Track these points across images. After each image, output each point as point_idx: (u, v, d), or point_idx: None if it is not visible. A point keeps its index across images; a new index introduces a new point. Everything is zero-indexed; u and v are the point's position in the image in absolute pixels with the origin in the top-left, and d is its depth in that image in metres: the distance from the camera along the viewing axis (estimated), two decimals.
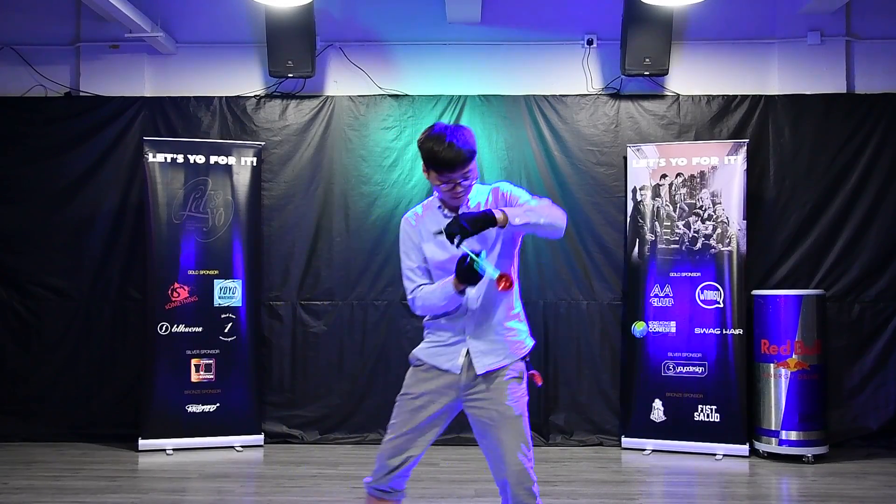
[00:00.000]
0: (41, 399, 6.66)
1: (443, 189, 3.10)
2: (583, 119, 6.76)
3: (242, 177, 6.52)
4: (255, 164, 6.57)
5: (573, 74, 6.83)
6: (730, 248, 6.24)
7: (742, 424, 6.16)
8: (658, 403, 6.32)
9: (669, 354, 6.32)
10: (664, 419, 6.30)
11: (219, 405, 6.36)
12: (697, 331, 6.27)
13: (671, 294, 6.35)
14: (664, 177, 6.42)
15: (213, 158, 6.46)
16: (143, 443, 6.22)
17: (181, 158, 6.40)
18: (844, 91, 6.68)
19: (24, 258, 6.73)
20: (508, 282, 2.91)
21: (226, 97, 6.83)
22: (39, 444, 6.45)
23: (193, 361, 6.34)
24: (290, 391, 6.71)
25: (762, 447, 6.14)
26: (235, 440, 6.38)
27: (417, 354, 3.22)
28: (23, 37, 6.89)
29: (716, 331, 6.23)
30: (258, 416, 6.52)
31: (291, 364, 6.73)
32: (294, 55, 6.46)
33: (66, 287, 6.73)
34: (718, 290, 6.24)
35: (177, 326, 6.32)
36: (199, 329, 6.37)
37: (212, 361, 6.38)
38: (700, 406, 6.22)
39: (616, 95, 6.79)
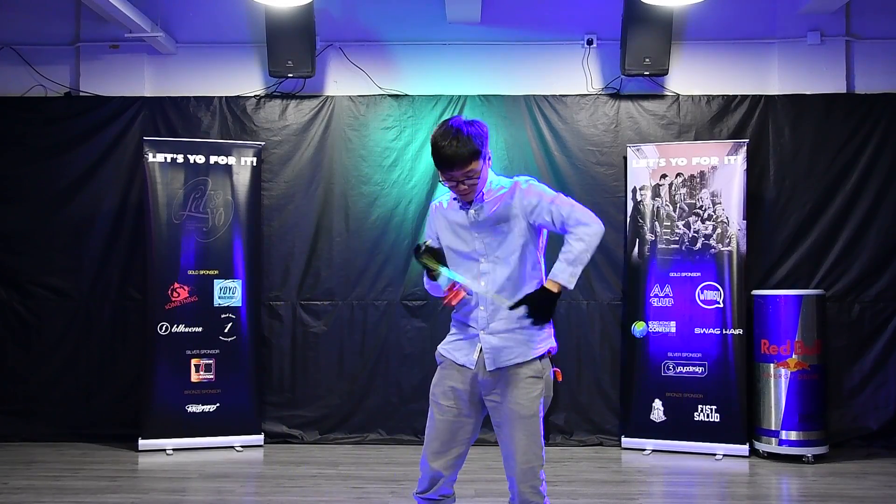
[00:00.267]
0: (41, 399, 6.67)
1: (447, 186, 3.13)
2: (583, 119, 6.76)
3: (242, 177, 6.52)
4: (255, 164, 6.57)
5: (573, 74, 6.83)
6: (730, 248, 6.24)
7: (742, 424, 6.16)
8: (658, 403, 6.32)
9: (669, 354, 6.32)
10: (664, 419, 6.30)
11: (219, 405, 6.36)
12: (697, 331, 6.27)
13: (671, 294, 6.35)
14: (664, 177, 6.42)
15: (213, 158, 6.46)
16: (143, 443, 6.22)
17: (181, 158, 6.40)
18: (844, 91, 6.68)
19: (24, 258, 6.73)
20: (449, 298, 3.02)
21: (226, 97, 6.83)
22: (39, 444, 6.45)
23: (193, 361, 6.34)
24: (290, 391, 6.71)
25: (762, 447, 6.15)
26: (235, 440, 6.39)
27: (439, 349, 3.28)
28: (23, 37, 6.89)
29: (716, 331, 6.22)
30: (258, 416, 6.52)
31: (291, 364, 6.73)
32: (294, 55, 6.46)
33: (66, 287, 6.73)
34: (718, 290, 6.24)
35: (177, 326, 6.32)
36: (199, 329, 6.37)
37: (212, 361, 6.38)
38: (700, 406, 6.22)
39: (616, 95, 6.79)
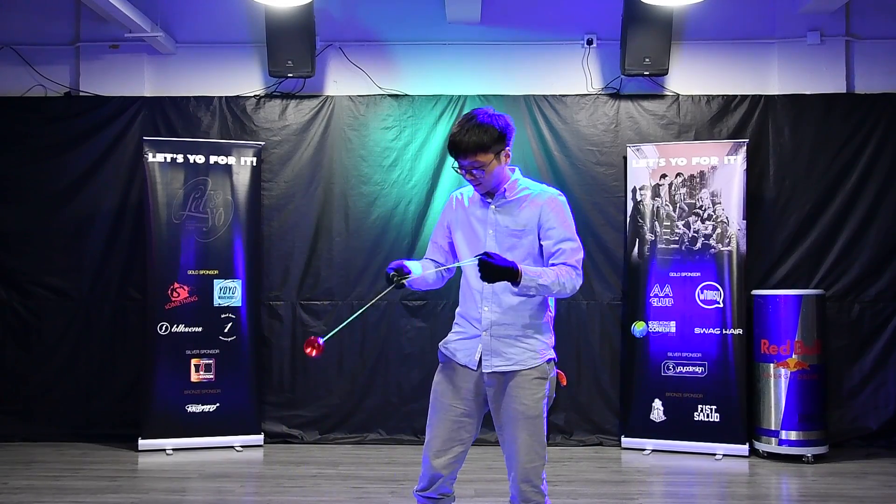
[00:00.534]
0: (41, 399, 6.66)
1: (460, 173, 3.14)
2: (583, 119, 6.77)
3: (242, 177, 6.52)
4: (255, 164, 6.57)
5: (573, 74, 6.83)
6: (730, 248, 6.24)
7: (742, 424, 6.16)
8: (658, 403, 6.32)
9: (669, 354, 6.32)
10: (664, 419, 6.30)
11: (219, 405, 6.36)
12: (697, 331, 6.27)
13: (671, 294, 6.35)
14: (664, 177, 6.42)
15: (213, 158, 6.46)
16: (143, 443, 6.22)
17: (181, 158, 6.40)
18: (844, 91, 6.68)
19: (24, 258, 6.73)
20: (312, 348, 2.96)
21: (226, 97, 6.83)
22: (39, 444, 6.45)
23: (193, 361, 6.34)
24: (290, 391, 6.71)
25: (762, 447, 6.15)
26: (235, 440, 6.39)
27: (441, 347, 3.28)
28: (23, 37, 6.89)
29: (715, 331, 6.23)
30: (258, 416, 6.52)
31: (291, 364, 6.73)
32: (294, 55, 6.46)
33: (66, 287, 6.73)
34: (718, 290, 6.24)
35: (177, 326, 6.32)
36: (199, 329, 6.37)
37: (212, 361, 6.38)
38: (700, 406, 6.22)
39: (616, 95, 6.79)
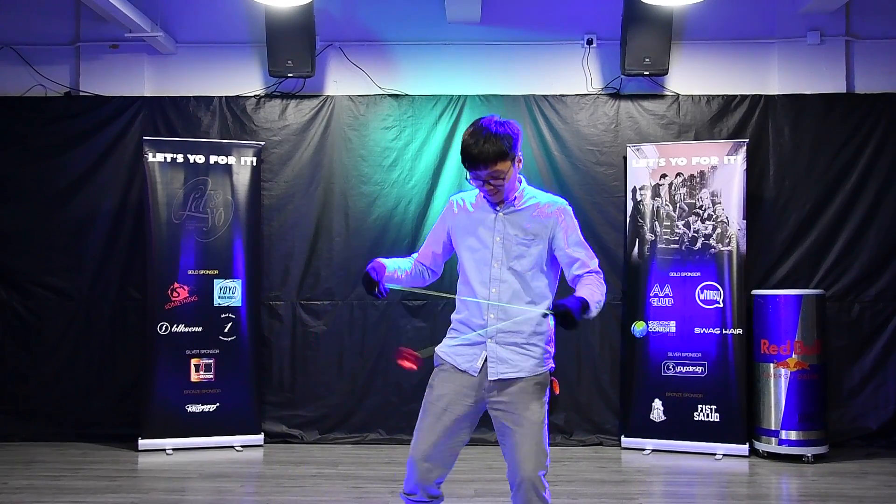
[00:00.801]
0: (41, 399, 6.66)
1: (475, 185, 3.11)
2: (583, 119, 6.77)
3: (242, 177, 6.52)
4: (255, 164, 6.57)
5: (573, 74, 6.83)
6: (730, 248, 6.24)
7: (742, 424, 6.16)
8: (658, 403, 6.32)
9: (669, 354, 6.32)
10: (664, 419, 6.30)
11: (219, 405, 6.36)
12: (697, 330, 6.27)
13: (671, 294, 6.35)
14: (664, 176, 6.42)
15: (213, 158, 6.46)
16: (143, 442, 6.22)
17: (181, 158, 6.40)
18: (844, 91, 6.68)
19: (24, 258, 6.73)
20: (406, 360, 3.03)
21: (226, 97, 6.83)
22: (39, 444, 6.45)
23: (193, 361, 6.34)
24: (290, 391, 6.71)
25: (762, 447, 6.15)
26: (235, 440, 6.39)
27: (438, 352, 3.24)
28: (23, 37, 6.89)
29: (715, 330, 6.23)
30: (258, 416, 6.52)
31: (291, 364, 6.73)
32: (294, 55, 6.46)
33: (66, 287, 6.73)
34: (718, 290, 6.24)
35: (177, 326, 6.32)
36: (199, 329, 6.37)
37: (212, 361, 6.38)
38: (700, 406, 6.22)
39: (616, 95, 6.79)
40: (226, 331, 6.42)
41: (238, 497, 5.18)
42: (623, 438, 6.45)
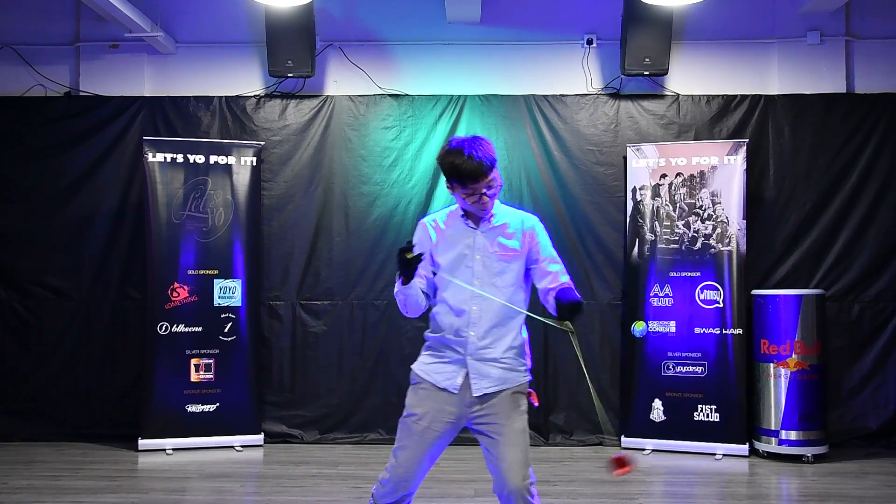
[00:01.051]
0: (41, 399, 6.66)
1: (469, 201, 3.11)
2: (583, 119, 6.77)
3: (242, 177, 6.52)
4: (255, 164, 6.57)
5: (573, 74, 6.83)
6: (729, 248, 6.24)
7: (742, 424, 6.16)
8: (658, 403, 6.32)
9: (669, 354, 6.32)
10: (664, 419, 6.30)
11: (219, 405, 6.36)
12: (697, 330, 6.27)
13: (671, 294, 6.35)
14: (664, 176, 6.42)
15: (213, 158, 6.46)
16: (143, 442, 6.22)
17: (181, 158, 6.40)
18: (844, 91, 6.68)
19: (24, 258, 6.73)
20: (618, 467, 3.02)
21: (226, 97, 6.83)
22: (39, 444, 6.45)
23: (193, 361, 6.34)
24: (290, 391, 6.71)
25: (762, 447, 6.15)
26: (235, 440, 6.38)
27: (416, 370, 3.23)
28: (23, 37, 6.89)
29: (715, 330, 6.23)
30: (258, 416, 6.52)
31: (291, 364, 6.73)
32: (294, 55, 6.46)
33: (66, 287, 6.73)
34: (718, 290, 6.24)
35: (177, 326, 6.32)
36: (199, 329, 6.37)
37: (212, 361, 6.38)
38: (700, 406, 6.22)
39: (616, 95, 6.79)
40: (226, 331, 6.42)
41: (238, 497, 5.18)
42: (623, 438, 6.44)
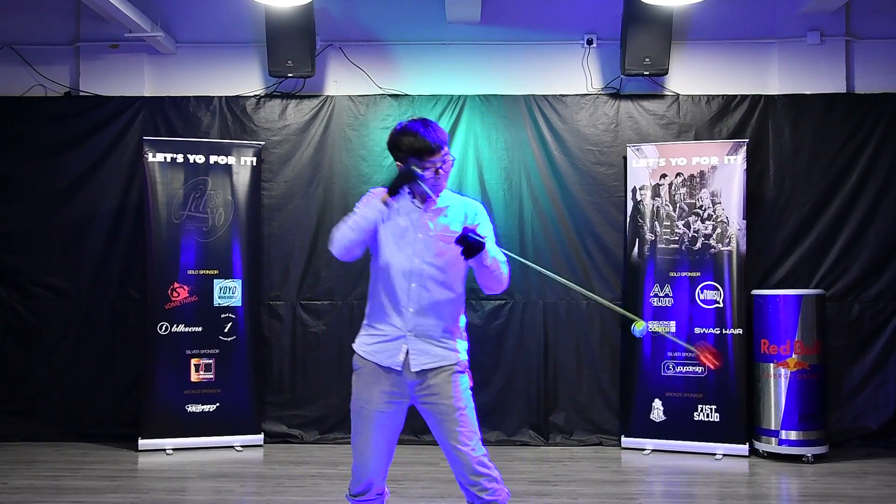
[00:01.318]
0: (41, 399, 6.66)
1: (423, 175, 3.18)
2: (583, 119, 6.77)
3: (242, 177, 6.52)
4: (255, 164, 6.57)
5: (573, 74, 6.83)
6: (729, 248, 6.24)
7: (742, 424, 6.16)
8: (658, 403, 6.32)
9: (669, 354, 6.32)
10: (664, 419, 6.30)
11: (219, 405, 6.36)
12: (697, 330, 6.27)
13: (671, 294, 6.35)
14: (664, 176, 6.42)
15: (213, 158, 6.46)
16: (143, 442, 6.22)
17: (181, 158, 6.40)
18: (844, 91, 6.68)
19: (24, 258, 6.73)
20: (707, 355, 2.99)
21: (226, 97, 6.83)
22: (39, 444, 6.45)
23: (193, 361, 6.35)
24: (290, 391, 6.71)
25: (762, 447, 6.15)
26: (235, 440, 6.39)
27: (358, 351, 3.28)
28: (23, 37, 6.89)
29: (715, 331, 6.23)
30: (258, 416, 6.52)
31: (291, 364, 6.73)
32: (294, 55, 6.46)
33: (66, 287, 6.73)
34: (718, 290, 6.24)
35: (177, 326, 6.32)
36: (199, 329, 6.37)
37: (212, 361, 6.38)
38: (700, 406, 6.22)
39: (616, 95, 6.79)
40: (226, 331, 6.42)
41: (238, 497, 5.18)
42: (623, 438, 6.45)
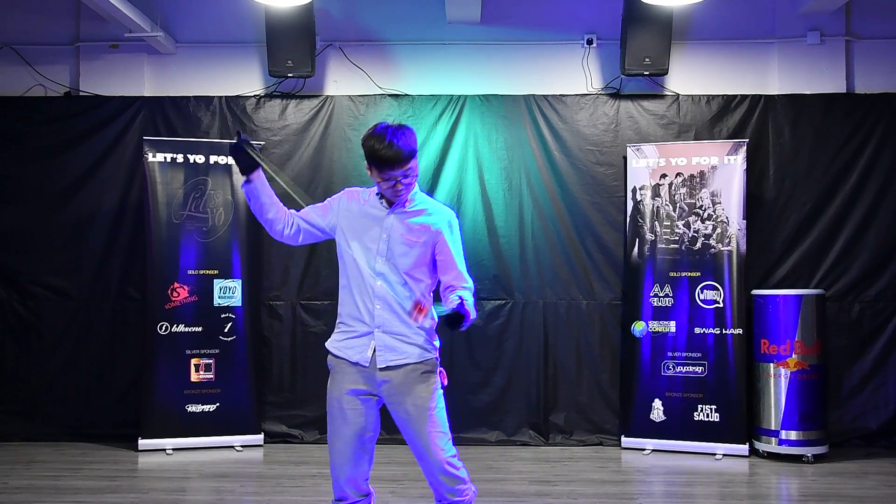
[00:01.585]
0: (41, 399, 6.66)
1: (383, 186, 3.21)
2: (583, 119, 6.77)
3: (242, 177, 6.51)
4: None
5: (573, 74, 6.83)
6: (729, 248, 6.24)
7: (742, 424, 6.16)
8: (658, 403, 6.32)
9: (669, 354, 6.32)
10: (664, 419, 6.30)
11: (219, 405, 6.36)
12: (697, 330, 6.27)
13: (671, 294, 6.35)
14: (664, 176, 6.42)
15: (213, 158, 6.46)
16: (143, 442, 6.22)
17: (181, 158, 6.40)
18: (844, 91, 6.68)
19: (24, 258, 6.73)
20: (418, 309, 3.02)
21: (226, 97, 6.83)
22: (39, 444, 6.45)
23: (193, 361, 6.35)
24: (290, 391, 6.71)
25: (762, 447, 6.15)
26: (235, 440, 6.39)
27: (330, 349, 3.32)
28: (23, 37, 6.89)
29: (715, 330, 6.23)
30: (258, 416, 6.52)
31: (291, 364, 6.73)
32: (294, 55, 6.46)
33: (66, 287, 6.73)
34: (718, 290, 6.24)
35: (177, 326, 6.32)
36: (199, 329, 6.37)
37: (212, 361, 6.38)
38: (700, 406, 6.22)
39: (616, 95, 6.79)
40: (226, 331, 6.42)
41: (238, 497, 5.18)
42: (623, 438, 6.44)
